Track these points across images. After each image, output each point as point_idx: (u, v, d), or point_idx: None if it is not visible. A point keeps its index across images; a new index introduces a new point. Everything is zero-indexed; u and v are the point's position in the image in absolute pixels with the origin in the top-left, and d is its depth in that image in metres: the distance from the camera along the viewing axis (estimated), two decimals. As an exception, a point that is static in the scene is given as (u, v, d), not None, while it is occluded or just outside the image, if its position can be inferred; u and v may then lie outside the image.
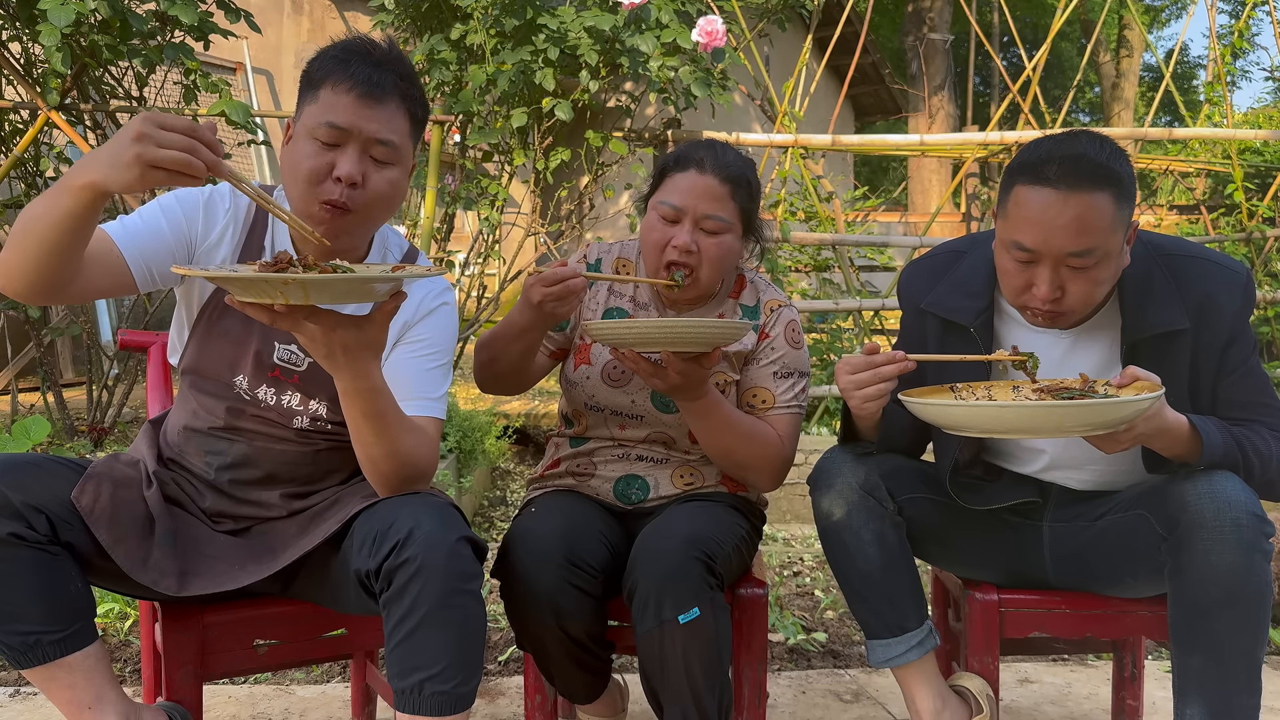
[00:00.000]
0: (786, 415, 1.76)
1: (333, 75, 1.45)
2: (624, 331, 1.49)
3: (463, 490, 3.51)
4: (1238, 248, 5.49)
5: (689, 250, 1.68)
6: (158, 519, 1.47)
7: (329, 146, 1.45)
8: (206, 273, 1.22)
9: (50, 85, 3.37)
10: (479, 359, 1.78)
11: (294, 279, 1.18)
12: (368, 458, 1.44)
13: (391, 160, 1.49)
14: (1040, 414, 1.35)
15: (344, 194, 1.44)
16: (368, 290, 1.27)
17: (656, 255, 1.71)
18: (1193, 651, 1.48)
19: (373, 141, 1.46)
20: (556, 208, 4.42)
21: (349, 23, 7.92)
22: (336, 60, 1.46)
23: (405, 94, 1.49)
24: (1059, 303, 1.52)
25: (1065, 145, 1.48)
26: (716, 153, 1.72)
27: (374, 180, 1.47)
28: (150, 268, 1.46)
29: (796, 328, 1.81)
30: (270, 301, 1.21)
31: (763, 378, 1.77)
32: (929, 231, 5.26)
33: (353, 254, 1.57)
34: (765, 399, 1.76)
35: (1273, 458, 1.53)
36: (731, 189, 1.70)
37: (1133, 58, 16.89)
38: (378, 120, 1.46)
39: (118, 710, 1.40)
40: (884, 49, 15.88)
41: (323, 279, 1.20)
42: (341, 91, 1.44)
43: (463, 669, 1.33)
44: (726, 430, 1.66)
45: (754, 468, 1.72)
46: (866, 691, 2.32)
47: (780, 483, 1.75)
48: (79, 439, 3.81)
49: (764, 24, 5.20)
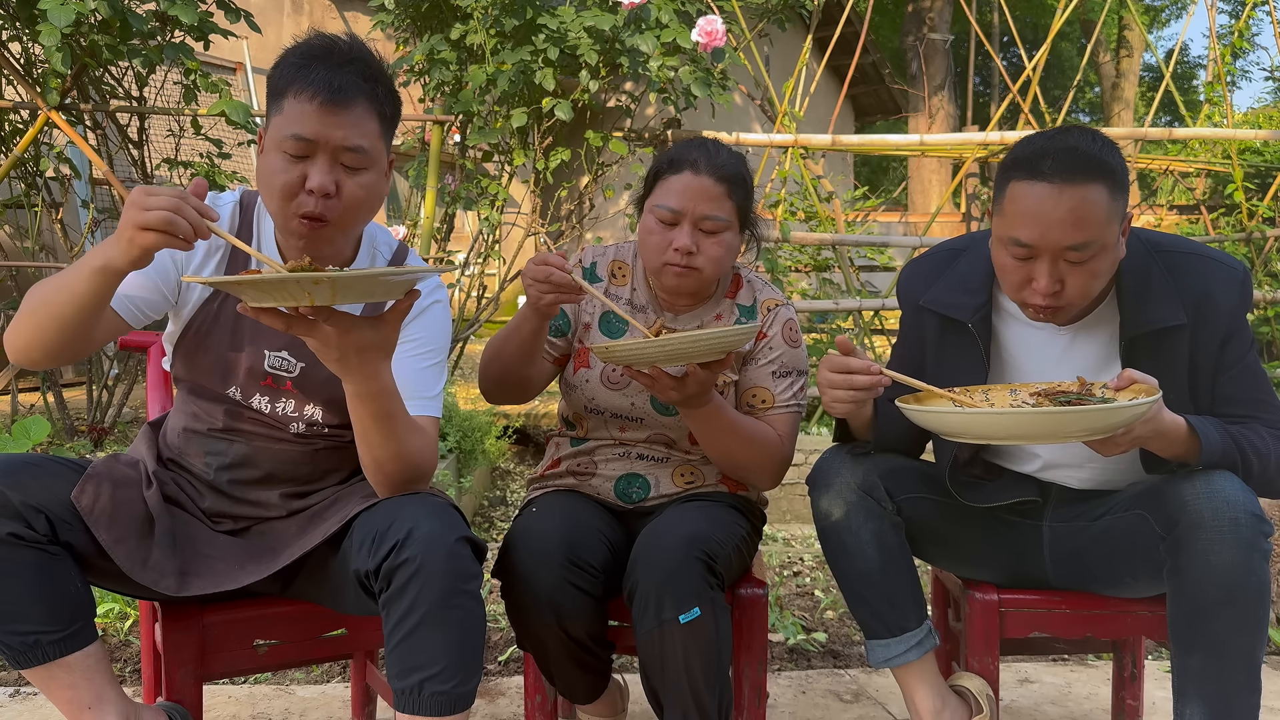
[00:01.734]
0: (786, 414, 1.76)
1: (294, 84, 1.41)
2: (653, 350, 1.46)
3: (463, 490, 3.51)
4: (1238, 248, 5.49)
5: (690, 252, 1.67)
6: (157, 519, 1.47)
7: (298, 159, 1.41)
8: (230, 280, 1.19)
9: (50, 85, 3.37)
10: (488, 372, 1.77)
11: (325, 278, 1.16)
12: (373, 459, 1.44)
13: (363, 165, 1.45)
14: (1038, 421, 1.35)
15: (319, 205, 1.42)
16: (392, 286, 1.27)
17: (656, 258, 1.70)
18: (1192, 651, 1.48)
19: (341, 149, 1.42)
20: (556, 208, 4.42)
21: (349, 23, 7.92)
22: (296, 67, 1.42)
23: (371, 94, 1.44)
24: (1058, 296, 1.52)
25: (1057, 140, 1.49)
26: (709, 152, 1.71)
27: (348, 188, 1.44)
28: (138, 306, 1.49)
29: (794, 326, 1.81)
30: (293, 304, 1.21)
31: (761, 377, 1.77)
32: (929, 231, 5.26)
33: (338, 259, 1.56)
34: (765, 399, 1.76)
35: (1271, 456, 1.53)
36: (728, 188, 1.69)
37: (1133, 58, 16.89)
38: (344, 126, 1.41)
39: (118, 710, 1.40)
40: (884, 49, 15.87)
41: (351, 276, 1.19)
42: (304, 100, 1.40)
43: (462, 669, 1.33)
44: (729, 434, 1.66)
45: (755, 468, 1.72)
46: (866, 691, 2.32)
47: (779, 481, 1.75)
48: (79, 439, 3.81)
49: (764, 24, 5.21)
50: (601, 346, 1.50)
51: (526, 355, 1.71)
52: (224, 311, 1.54)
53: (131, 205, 1.23)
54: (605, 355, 1.51)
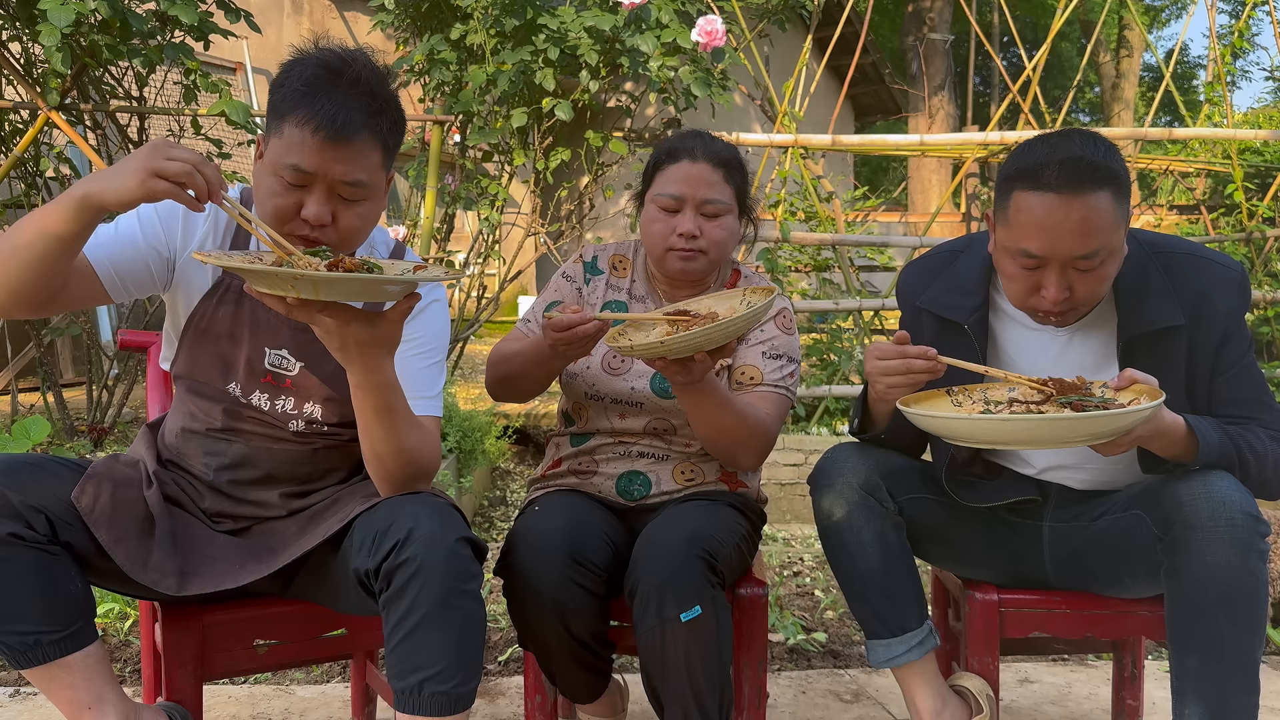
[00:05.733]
0: (773, 395, 1.75)
1: (297, 111, 1.38)
2: (676, 344, 1.46)
3: (463, 490, 3.51)
4: (1238, 248, 5.49)
5: (694, 235, 1.72)
6: (158, 519, 1.47)
7: (295, 186, 1.40)
8: (225, 260, 1.22)
9: (50, 85, 3.37)
10: (495, 373, 1.79)
11: (304, 275, 1.19)
12: (375, 454, 1.44)
13: (361, 197, 1.44)
14: (1042, 427, 1.34)
15: (315, 233, 1.42)
16: (378, 291, 1.27)
17: (661, 245, 1.74)
18: (1190, 651, 1.48)
19: (340, 183, 1.41)
20: (556, 208, 4.42)
21: (349, 23, 7.92)
22: (301, 94, 1.38)
23: (375, 128, 1.42)
24: (1067, 302, 1.52)
25: (1060, 148, 1.48)
26: (705, 140, 1.78)
27: (344, 218, 1.44)
28: (121, 277, 1.46)
29: (789, 315, 1.83)
30: (281, 295, 1.23)
31: (752, 356, 1.78)
32: (929, 231, 5.26)
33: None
34: (753, 375, 1.77)
35: (1268, 457, 1.54)
36: (725, 172, 1.75)
37: (1133, 58, 16.89)
38: (345, 161, 1.39)
39: (118, 710, 1.40)
40: (884, 49, 15.87)
41: (333, 277, 1.20)
42: (307, 132, 1.37)
43: (462, 669, 1.33)
44: (721, 410, 1.64)
45: (741, 446, 1.70)
46: (866, 691, 2.32)
47: (762, 461, 1.77)
48: (79, 439, 3.81)
49: (764, 24, 5.21)
50: (621, 343, 1.52)
51: (548, 379, 1.76)
52: (223, 307, 1.54)
53: (153, 150, 1.22)
54: (627, 350, 1.51)
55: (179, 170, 1.22)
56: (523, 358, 1.73)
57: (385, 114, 1.44)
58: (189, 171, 1.22)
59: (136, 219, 1.48)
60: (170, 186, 1.22)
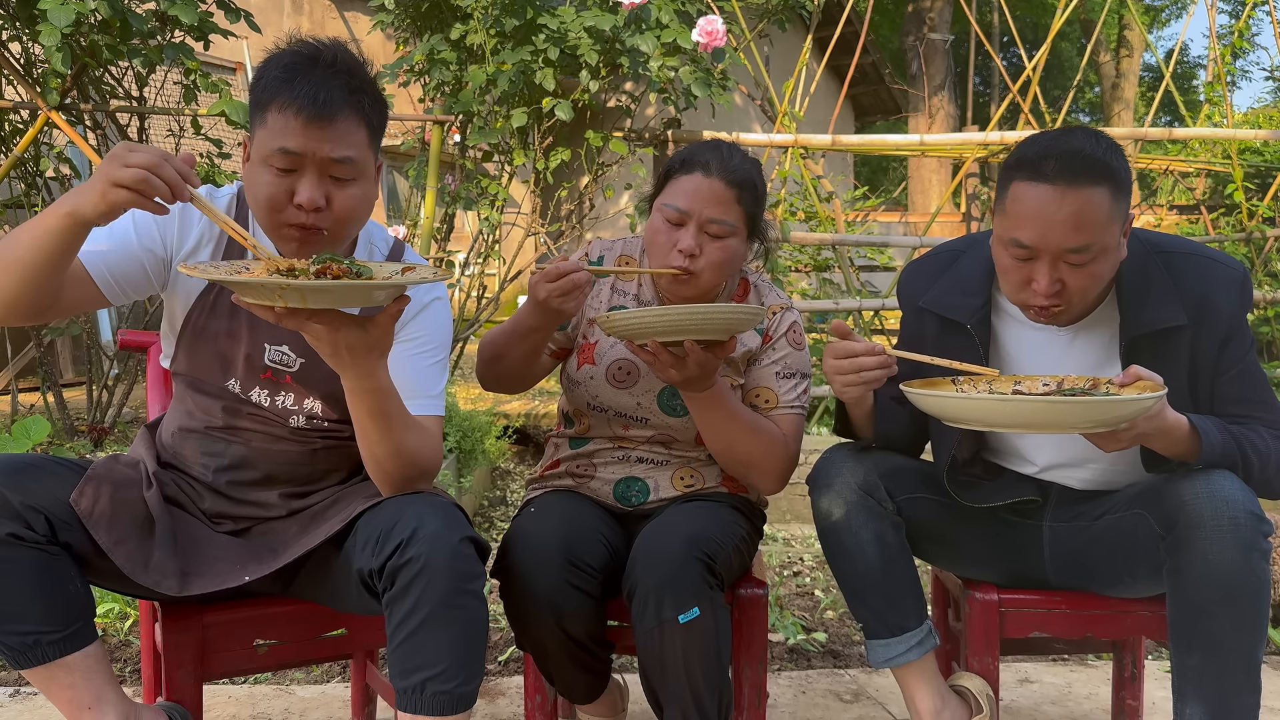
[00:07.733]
0: (790, 415, 1.75)
1: (278, 97, 1.39)
2: (652, 320, 1.47)
3: (463, 490, 3.51)
4: (1238, 248, 5.49)
5: (692, 254, 1.67)
6: (158, 520, 1.47)
7: (286, 172, 1.40)
8: (210, 274, 1.22)
9: (50, 85, 3.36)
10: (483, 357, 1.78)
11: (290, 284, 1.18)
12: (372, 456, 1.44)
13: (353, 175, 1.44)
14: (1041, 409, 1.35)
15: (311, 218, 1.42)
16: (366, 296, 1.27)
17: (661, 257, 1.71)
18: (1192, 651, 1.48)
19: (330, 161, 1.41)
20: (556, 208, 4.42)
21: (349, 23, 7.91)
22: (280, 81, 1.39)
23: (357, 105, 1.43)
24: (1058, 297, 1.53)
25: (1062, 141, 1.49)
26: (723, 155, 1.69)
27: (338, 199, 1.44)
28: (116, 280, 1.46)
29: (799, 329, 1.81)
30: (267, 304, 1.22)
31: (766, 378, 1.77)
32: (929, 231, 5.26)
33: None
34: (769, 399, 1.76)
35: (1271, 456, 1.53)
36: (737, 193, 1.68)
37: (1133, 58, 16.88)
38: (331, 140, 1.39)
39: (117, 710, 1.40)
40: (884, 49, 15.87)
41: (319, 285, 1.20)
42: (290, 115, 1.38)
43: (465, 669, 1.33)
44: (732, 423, 1.65)
45: (759, 465, 1.70)
46: (866, 691, 2.32)
47: (785, 483, 1.74)
48: (79, 439, 3.81)
49: (764, 24, 5.21)
50: (604, 316, 1.52)
51: (532, 355, 1.73)
52: (221, 302, 1.54)
53: (111, 159, 1.22)
54: (607, 325, 1.53)
55: (133, 178, 1.21)
56: (508, 334, 1.71)
57: (365, 92, 1.45)
58: (144, 178, 1.21)
59: (130, 221, 1.48)
60: (130, 195, 1.22)
